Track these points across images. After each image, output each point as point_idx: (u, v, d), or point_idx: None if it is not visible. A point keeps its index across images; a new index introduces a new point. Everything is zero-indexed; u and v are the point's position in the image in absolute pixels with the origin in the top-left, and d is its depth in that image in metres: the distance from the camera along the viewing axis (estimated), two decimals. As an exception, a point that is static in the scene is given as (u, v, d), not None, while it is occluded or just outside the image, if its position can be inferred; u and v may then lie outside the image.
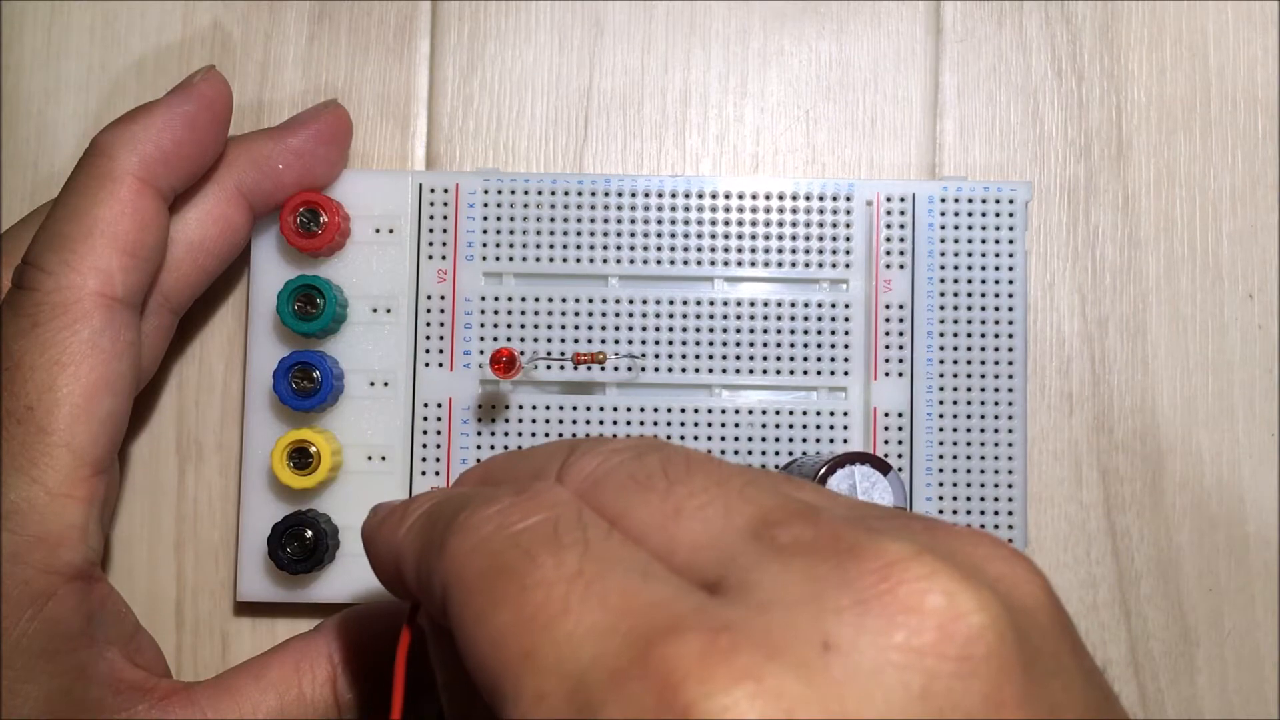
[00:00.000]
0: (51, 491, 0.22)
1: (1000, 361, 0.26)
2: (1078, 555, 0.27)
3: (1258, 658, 0.27)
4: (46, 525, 0.22)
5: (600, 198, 0.27)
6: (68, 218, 0.23)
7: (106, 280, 0.23)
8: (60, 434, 0.22)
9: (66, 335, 0.22)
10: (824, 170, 0.28)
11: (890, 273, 0.27)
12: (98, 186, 0.23)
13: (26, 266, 0.22)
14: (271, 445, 0.25)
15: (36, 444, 0.22)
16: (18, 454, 0.22)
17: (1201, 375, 0.28)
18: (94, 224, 0.23)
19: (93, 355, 0.22)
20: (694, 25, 0.28)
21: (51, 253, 0.22)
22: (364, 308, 0.26)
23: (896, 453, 0.26)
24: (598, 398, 0.26)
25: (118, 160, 0.23)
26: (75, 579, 0.22)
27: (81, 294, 0.22)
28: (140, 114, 0.24)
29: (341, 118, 0.27)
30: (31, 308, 0.22)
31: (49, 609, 0.22)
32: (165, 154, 0.23)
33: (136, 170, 0.23)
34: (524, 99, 0.28)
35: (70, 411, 0.22)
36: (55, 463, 0.22)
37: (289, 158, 0.26)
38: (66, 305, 0.22)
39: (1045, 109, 0.28)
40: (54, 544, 0.22)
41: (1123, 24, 0.28)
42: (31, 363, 0.22)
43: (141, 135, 0.23)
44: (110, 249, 0.23)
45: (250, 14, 0.28)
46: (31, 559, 0.22)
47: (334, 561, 0.26)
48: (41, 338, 0.22)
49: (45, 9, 0.28)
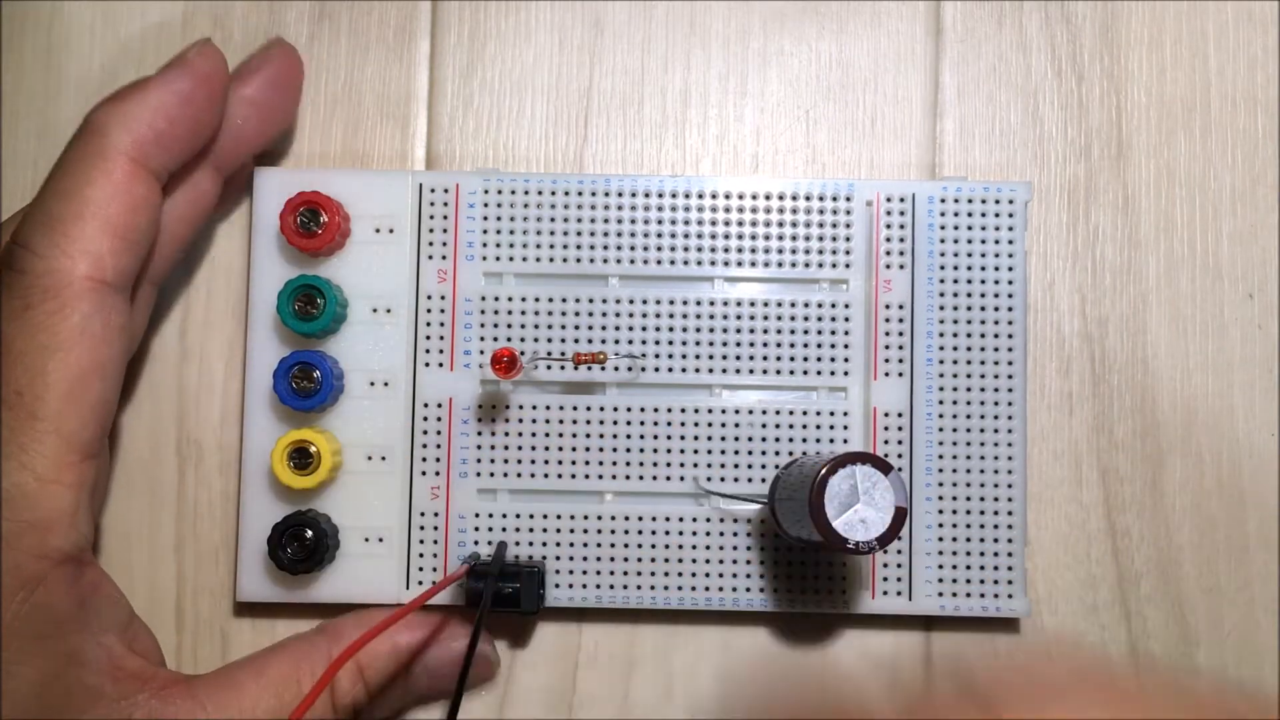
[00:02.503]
0: (41, 477, 0.22)
1: (1000, 361, 0.26)
2: (1078, 555, 0.27)
3: (1258, 658, 0.27)
4: (36, 511, 0.22)
5: (600, 198, 0.27)
6: (58, 197, 0.22)
7: (97, 264, 0.22)
8: (50, 419, 0.22)
9: (57, 320, 0.22)
10: (824, 170, 0.28)
11: (890, 273, 0.27)
12: (89, 166, 0.22)
13: (16, 247, 0.22)
14: (271, 445, 0.25)
15: (26, 429, 0.22)
16: (7, 439, 0.21)
17: (1201, 375, 0.28)
18: (85, 205, 0.22)
19: (83, 340, 0.22)
20: (694, 25, 0.28)
21: (41, 235, 0.22)
22: (364, 308, 0.26)
23: (896, 453, 0.26)
24: (598, 398, 0.26)
25: (110, 139, 0.22)
26: (65, 563, 0.22)
27: (72, 277, 0.22)
28: (134, 91, 0.23)
29: (291, 57, 0.26)
30: (22, 290, 0.22)
31: (39, 593, 0.22)
32: (159, 134, 0.23)
33: (130, 150, 0.23)
34: (524, 99, 0.28)
35: (60, 396, 0.22)
36: (44, 448, 0.22)
37: (247, 109, 0.25)
38: (57, 289, 0.22)
39: (1045, 109, 0.28)
40: (44, 529, 0.22)
41: (1123, 24, 0.28)
42: (22, 347, 0.22)
43: (135, 114, 0.23)
44: (101, 232, 0.22)
45: (250, 14, 0.28)
46: (21, 544, 0.22)
47: (334, 561, 0.26)
48: (31, 321, 0.22)
49: (45, 9, 0.28)
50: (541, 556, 0.26)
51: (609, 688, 0.27)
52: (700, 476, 0.26)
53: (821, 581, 0.26)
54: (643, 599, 0.26)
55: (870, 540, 0.22)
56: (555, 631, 0.27)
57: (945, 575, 0.26)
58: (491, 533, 0.26)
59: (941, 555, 0.26)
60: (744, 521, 0.26)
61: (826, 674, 0.27)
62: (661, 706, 0.27)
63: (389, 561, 0.26)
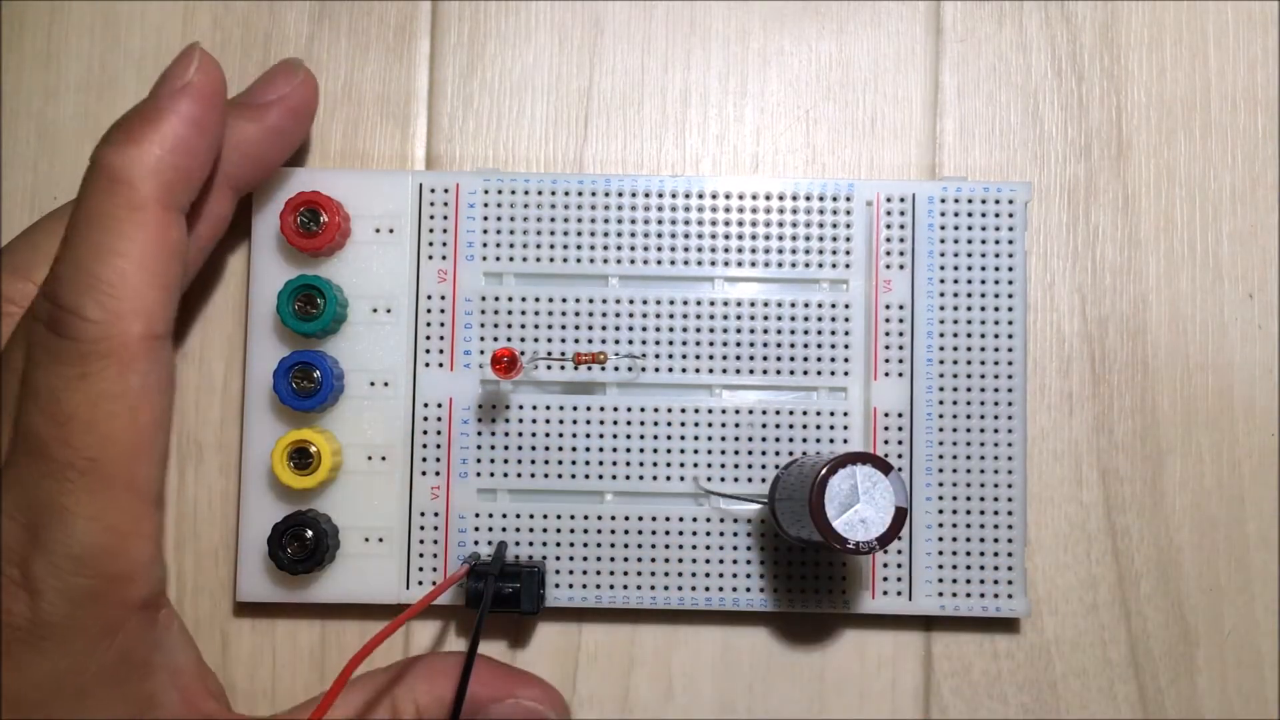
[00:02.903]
0: (121, 533, 0.22)
1: (1000, 361, 0.26)
2: (1078, 555, 0.27)
3: (1258, 658, 0.27)
4: (118, 564, 0.22)
5: (600, 198, 0.27)
6: (98, 257, 0.22)
7: (149, 320, 0.22)
8: (123, 479, 0.22)
9: (118, 383, 0.21)
10: (824, 170, 0.28)
11: (890, 273, 0.27)
12: (125, 219, 0.22)
13: (64, 313, 0.21)
14: (271, 445, 0.25)
15: (102, 492, 0.21)
16: (84, 503, 0.21)
17: (1201, 375, 0.28)
18: (129, 264, 0.22)
19: (145, 398, 0.22)
20: (694, 25, 0.28)
21: (89, 298, 0.21)
22: (364, 308, 0.26)
23: (896, 453, 0.26)
24: (598, 398, 0.26)
25: (140, 189, 0.22)
26: (144, 608, 0.23)
27: (128, 339, 0.22)
28: (148, 129, 0.22)
29: (311, 84, 0.26)
30: (77, 359, 0.21)
31: (120, 639, 0.22)
32: (185, 174, 0.23)
33: (161, 197, 0.22)
34: (524, 99, 0.28)
35: (131, 456, 0.22)
36: (121, 506, 0.22)
37: (271, 139, 0.25)
38: (115, 352, 0.21)
39: (1045, 109, 0.28)
40: (126, 581, 0.22)
41: (1123, 24, 0.28)
42: (87, 415, 0.21)
43: (157, 156, 0.22)
44: (148, 287, 0.22)
45: (250, 14, 0.28)
46: (108, 598, 0.22)
47: (334, 561, 0.26)
48: (94, 389, 0.21)
49: (45, 9, 0.28)
50: (541, 556, 0.26)
51: (609, 688, 0.27)
52: (700, 476, 0.26)
53: (821, 581, 0.26)
54: (643, 599, 0.26)
55: (870, 540, 0.22)
56: (555, 631, 0.27)
57: (945, 575, 0.26)
58: (491, 533, 0.26)
59: (941, 555, 0.26)
60: (744, 521, 0.26)
61: (826, 674, 0.27)
62: (661, 706, 0.27)
63: (389, 561, 0.26)
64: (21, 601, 0.21)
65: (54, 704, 0.22)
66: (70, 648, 0.22)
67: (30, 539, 0.21)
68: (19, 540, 0.21)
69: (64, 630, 0.21)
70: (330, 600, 0.26)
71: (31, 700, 0.21)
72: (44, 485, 0.21)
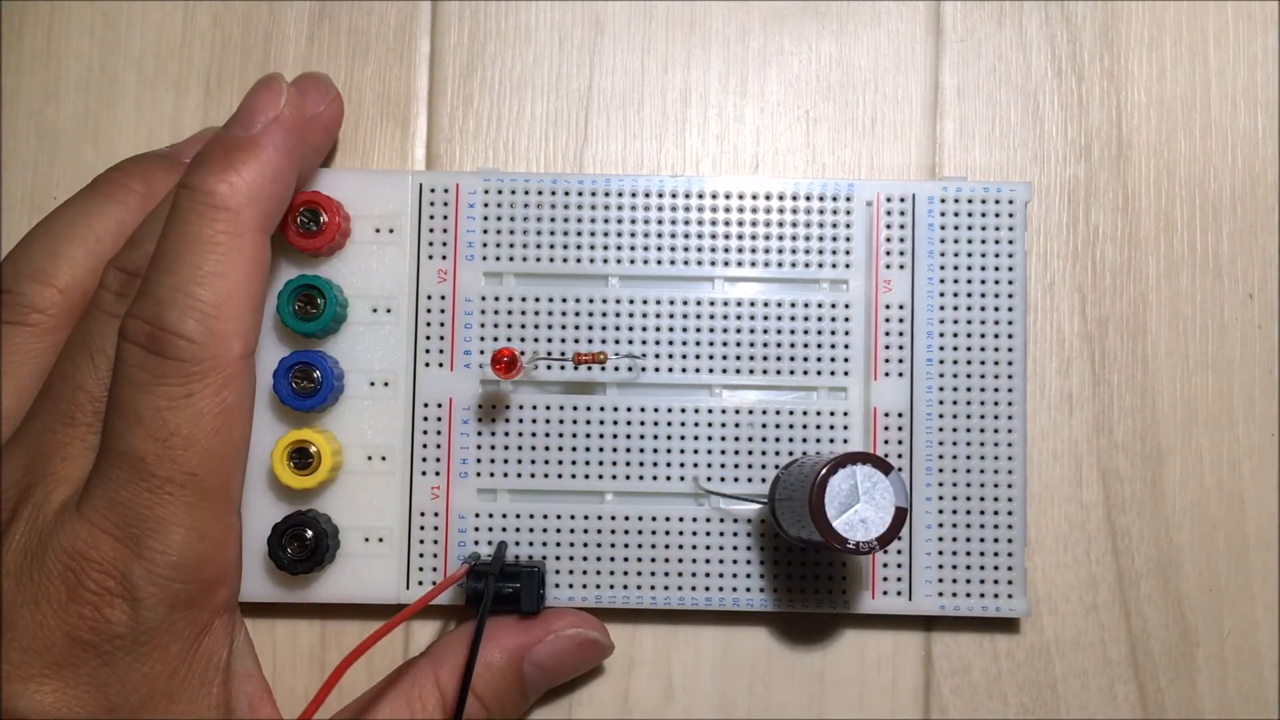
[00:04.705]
0: (214, 540, 0.23)
1: (1000, 361, 0.26)
2: (1078, 555, 0.27)
3: (1258, 658, 0.27)
4: (212, 570, 0.23)
5: (600, 198, 0.27)
6: (200, 280, 0.22)
7: (246, 341, 0.23)
8: (219, 491, 0.23)
9: (218, 401, 0.23)
10: (824, 170, 0.28)
11: (890, 273, 0.27)
12: (227, 244, 0.23)
13: (166, 335, 0.22)
14: (271, 445, 0.25)
15: (199, 504, 0.23)
16: (183, 514, 0.22)
17: (1201, 375, 0.28)
18: (231, 286, 0.23)
19: (241, 413, 0.23)
20: (694, 25, 0.28)
21: (194, 322, 0.22)
22: (364, 308, 0.26)
23: (896, 453, 0.26)
24: (598, 398, 0.26)
25: (243, 217, 0.23)
26: (226, 611, 0.24)
27: (230, 359, 0.23)
28: (248, 158, 0.23)
29: (339, 102, 0.27)
30: (181, 378, 0.22)
31: (204, 643, 0.23)
32: (279, 201, 0.24)
33: (261, 225, 0.23)
34: (524, 99, 0.28)
35: (227, 470, 0.23)
36: (216, 515, 0.23)
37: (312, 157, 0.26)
38: (217, 371, 0.23)
39: (1045, 109, 0.28)
40: (216, 585, 0.23)
41: (1123, 24, 0.28)
42: (190, 433, 0.22)
43: (259, 186, 0.23)
44: (245, 309, 0.23)
45: (250, 14, 0.28)
46: (200, 601, 0.23)
47: (334, 561, 0.26)
48: (198, 408, 0.22)
49: (45, 9, 0.28)
50: (541, 556, 0.26)
51: (609, 688, 0.27)
52: (700, 476, 0.26)
53: (821, 581, 0.26)
54: (643, 599, 0.26)
55: (870, 540, 0.22)
56: (555, 631, 0.27)
57: (945, 575, 0.26)
58: (491, 533, 0.26)
59: (941, 555, 0.26)
60: (744, 521, 0.26)
61: (826, 674, 0.27)
62: (661, 706, 0.27)
63: (389, 561, 0.26)
64: (122, 610, 0.22)
65: (148, 706, 0.22)
66: (166, 652, 0.23)
67: (130, 551, 0.22)
68: (118, 553, 0.22)
69: (162, 635, 0.22)
70: (330, 600, 0.26)
71: (130, 704, 0.22)
72: (143, 499, 0.22)
